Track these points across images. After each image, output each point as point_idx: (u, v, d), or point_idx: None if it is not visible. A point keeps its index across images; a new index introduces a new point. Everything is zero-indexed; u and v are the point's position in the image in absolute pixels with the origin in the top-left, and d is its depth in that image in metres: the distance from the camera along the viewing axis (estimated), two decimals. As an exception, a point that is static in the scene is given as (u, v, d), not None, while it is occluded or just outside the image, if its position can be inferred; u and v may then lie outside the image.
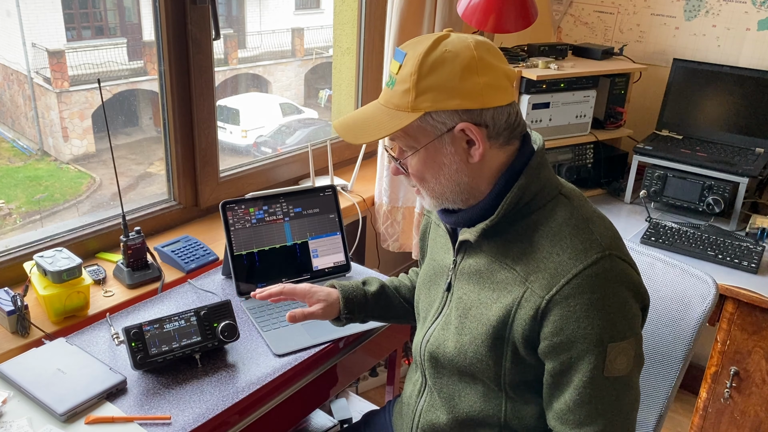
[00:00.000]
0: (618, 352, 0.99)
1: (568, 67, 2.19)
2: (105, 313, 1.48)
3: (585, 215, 1.06)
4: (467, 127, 1.01)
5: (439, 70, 1.00)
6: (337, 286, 1.34)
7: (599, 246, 1.01)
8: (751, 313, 1.85)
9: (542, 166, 1.07)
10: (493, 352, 1.07)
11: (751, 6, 2.30)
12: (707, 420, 2.02)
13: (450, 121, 1.02)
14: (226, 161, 2.07)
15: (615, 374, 1.00)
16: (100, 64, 2.63)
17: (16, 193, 2.21)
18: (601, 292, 0.98)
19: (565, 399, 1.03)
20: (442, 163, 1.05)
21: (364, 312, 1.34)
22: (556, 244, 1.02)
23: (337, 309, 1.31)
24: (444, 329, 1.14)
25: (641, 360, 1.06)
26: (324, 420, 1.87)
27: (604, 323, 0.98)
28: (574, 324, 0.99)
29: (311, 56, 4.03)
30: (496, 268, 1.07)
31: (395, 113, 1.03)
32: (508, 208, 1.04)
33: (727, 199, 2.09)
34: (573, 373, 1.01)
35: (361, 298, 1.34)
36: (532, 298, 1.01)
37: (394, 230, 2.30)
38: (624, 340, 1.00)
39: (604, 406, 1.01)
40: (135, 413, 1.19)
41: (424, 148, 1.05)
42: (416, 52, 1.01)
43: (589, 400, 1.01)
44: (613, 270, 1.00)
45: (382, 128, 1.03)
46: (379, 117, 1.05)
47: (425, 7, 2.07)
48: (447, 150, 1.04)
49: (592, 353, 0.99)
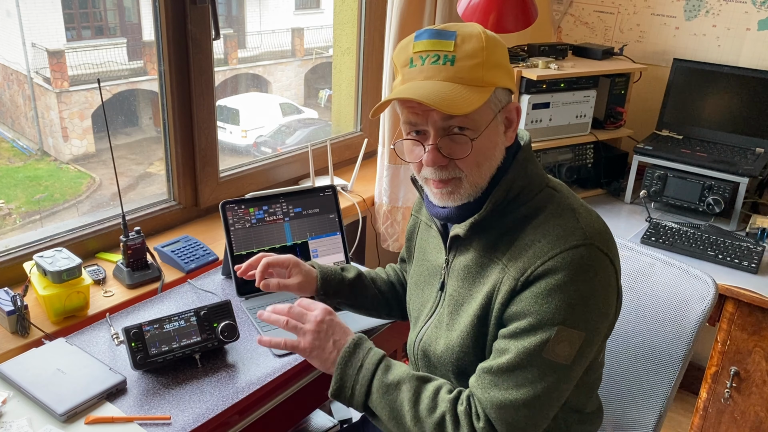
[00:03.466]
0: (565, 337, 0.98)
1: (568, 67, 2.19)
2: (105, 313, 1.48)
3: (572, 206, 1.06)
4: (517, 107, 1.04)
5: (500, 48, 1.02)
6: (316, 266, 1.34)
7: (582, 234, 1.01)
8: (751, 313, 1.85)
9: (528, 160, 1.07)
10: (477, 343, 1.07)
11: (751, 6, 2.30)
12: (707, 420, 2.02)
13: (504, 99, 1.03)
14: (226, 161, 2.07)
15: (552, 358, 0.98)
16: (100, 64, 2.62)
17: (15, 193, 2.21)
18: (570, 275, 0.98)
19: (494, 362, 1.02)
20: (495, 144, 1.04)
21: (338, 296, 1.34)
22: (540, 232, 1.02)
23: (313, 287, 1.31)
24: (437, 327, 1.15)
25: (584, 361, 1.03)
26: (324, 420, 1.87)
27: (562, 305, 0.97)
28: (533, 299, 0.99)
29: (311, 56, 4.03)
30: (485, 262, 1.08)
31: (469, 88, 0.97)
32: (496, 201, 1.05)
33: (727, 199, 2.09)
34: (513, 340, 1.00)
35: (338, 282, 1.34)
36: (508, 281, 1.02)
37: (394, 230, 2.30)
38: (575, 329, 0.98)
39: (525, 382, 0.99)
40: (135, 413, 1.18)
41: (487, 127, 1.01)
42: (472, 30, 1.01)
43: (513, 369, 0.99)
44: (591, 259, 0.99)
45: (467, 102, 0.96)
46: (455, 92, 0.97)
47: (425, 7, 2.07)
48: (498, 130, 1.04)
49: (540, 329, 0.98)
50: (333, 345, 1.10)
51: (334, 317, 1.14)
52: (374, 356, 1.09)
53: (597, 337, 1.03)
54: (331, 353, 1.10)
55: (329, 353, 1.10)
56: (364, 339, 1.12)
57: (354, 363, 1.08)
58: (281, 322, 1.12)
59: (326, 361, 1.11)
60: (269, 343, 1.13)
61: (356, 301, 1.38)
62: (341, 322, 1.14)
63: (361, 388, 1.07)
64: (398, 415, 1.05)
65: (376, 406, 1.07)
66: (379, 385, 1.06)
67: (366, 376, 1.07)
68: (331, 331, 1.11)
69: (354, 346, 1.10)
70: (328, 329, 1.11)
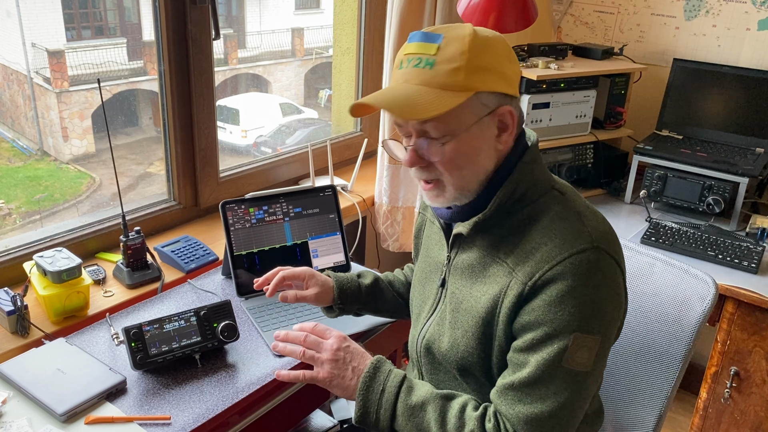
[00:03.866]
0: (582, 344, 0.98)
1: (568, 67, 2.19)
2: (105, 313, 1.48)
3: (578, 209, 1.06)
4: (510, 111, 1.02)
5: (490, 50, 1.00)
6: (332, 276, 1.36)
7: (588, 237, 1.01)
8: (751, 313, 1.85)
9: (535, 161, 1.07)
10: (483, 346, 1.07)
11: (751, 6, 2.30)
12: (707, 420, 2.02)
13: (493, 103, 1.02)
14: (226, 161, 2.07)
15: (572, 366, 0.98)
16: (100, 64, 2.63)
17: (16, 193, 2.21)
18: (580, 280, 0.98)
19: (514, 377, 1.01)
20: (479, 149, 1.03)
21: (357, 304, 1.36)
22: (546, 235, 1.02)
23: (330, 298, 1.33)
24: (440, 325, 1.15)
25: (602, 364, 1.03)
26: (324, 420, 1.87)
27: (575, 311, 0.97)
28: (546, 307, 0.98)
29: (311, 56, 4.03)
30: (488, 262, 1.08)
31: (442, 92, 0.98)
32: (500, 202, 1.05)
33: (727, 199, 2.09)
34: (531, 353, 1.00)
35: (354, 290, 1.36)
36: (516, 286, 1.02)
37: (394, 230, 2.30)
38: (591, 334, 0.98)
39: (549, 393, 0.99)
40: (135, 413, 1.18)
41: (467, 131, 1.01)
42: (461, 32, 1.00)
43: (535, 382, 0.99)
44: (598, 263, 0.99)
45: (434, 106, 0.97)
46: (424, 96, 0.98)
47: (425, 7, 2.07)
48: (485, 134, 1.03)
49: (555, 338, 0.98)
50: (352, 372, 1.10)
51: (350, 344, 1.13)
52: (395, 378, 1.08)
53: (610, 339, 1.03)
54: (351, 380, 1.09)
55: (349, 380, 1.10)
56: (383, 361, 1.11)
57: (376, 388, 1.08)
58: (297, 353, 1.13)
59: (347, 389, 1.10)
60: (288, 378, 1.13)
61: (375, 306, 1.40)
62: (358, 347, 1.13)
63: (385, 412, 1.07)
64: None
65: (403, 429, 1.06)
66: (404, 408, 1.06)
67: (389, 399, 1.07)
68: (348, 358, 1.11)
69: (374, 370, 1.09)
70: (345, 356, 1.11)
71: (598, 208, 1.12)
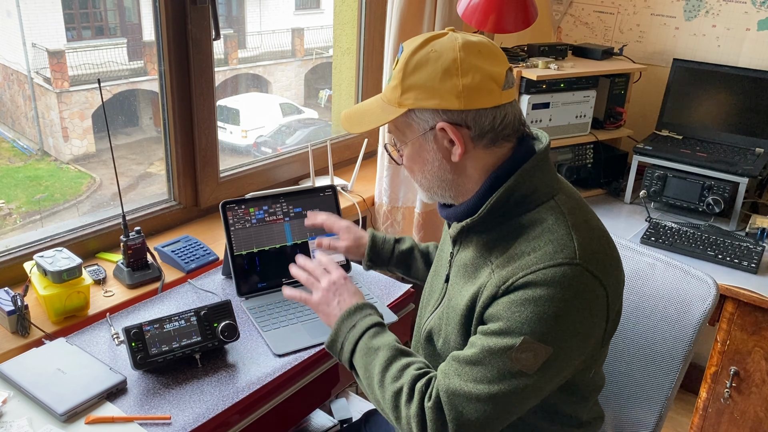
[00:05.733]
0: (529, 348, 0.98)
1: (568, 67, 2.19)
2: (105, 313, 1.48)
3: (573, 223, 1.04)
4: (446, 126, 1.04)
5: (422, 69, 1.04)
6: (370, 233, 1.49)
7: (572, 253, 0.99)
8: (751, 313, 1.85)
9: (538, 169, 1.06)
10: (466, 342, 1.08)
11: (751, 6, 2.30)
12: (707, 420, 2.02)
13: (431, 120, 1.05)
14: (226, 161, 2.07)
15: (515, 362, 0.99)
16: (100, 64, 2.63)
17: (16, 193, 2.21)
18: (548, 292, 0.97)
19: (462, 352, 1.04)
20: (426, 159, 1.10)
21: (387, 264, 1.50)
22: (532, 245, 1.02)
23: (361, 252, 1.48)
24: (440, 318, 1.18)
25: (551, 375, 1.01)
26: (324, 420, 1.87)
27: (533, 317, 0.97)
28: (508, 305, 1.00)
29: (311, 56, 4.03)
30: (480, 263, 1.09)
31: (386, 107, 1.09)
32: (492, 208, 1.05)
33: (727, 199, 2.09)
34: (483, 338, 1.02)
35: (387, 252, 1.48)
36: (490, 288, 1.03)
37: (394, 230, 2.30)
38: (543, 343, 0.98)
39: (484, 379, 1.00)
40: (135, 413, 1.19)
41: (411, 142, 1.10)
42: (410, 47, 1.06)
43: (475, 363, 1.01)
44: (574, 279, 0.98)
45: (373, 120, 1.11)
46: (374, 109, 1.11)
47: (425, 7, 2.07)
48: (430, 147, 1.08)
49: (506, 335, 0.99)
50: (337, 304, 1.22)
51: (347, 282, 1.25)
52: (369, 320, 1.17)
53: (568, 355, 1.01)
54: (334, 310, 1.22)
55: (332, 309, 1.22)
56: (367, 306, 1.20)
57: (349, 322, 1.18)
58: (302, 277, 1.29)
59: (329, 316, 1.22)
60: (290, 295, 1.30)
61: (408, 271, 1.51)
62: (353, 287, 1.25)
63: (348, 345, 1.16)
64: (369, 377, 1.12)
65: (357, 364, 1.15)
66: (363, 346, 1.14)
67: (355, 335, 1.16)
68: (339, 292, 1.23)
69: (355, 308, 1.19)
70: (338, 290, 1.24)
71: (598, 208, 1.12)
